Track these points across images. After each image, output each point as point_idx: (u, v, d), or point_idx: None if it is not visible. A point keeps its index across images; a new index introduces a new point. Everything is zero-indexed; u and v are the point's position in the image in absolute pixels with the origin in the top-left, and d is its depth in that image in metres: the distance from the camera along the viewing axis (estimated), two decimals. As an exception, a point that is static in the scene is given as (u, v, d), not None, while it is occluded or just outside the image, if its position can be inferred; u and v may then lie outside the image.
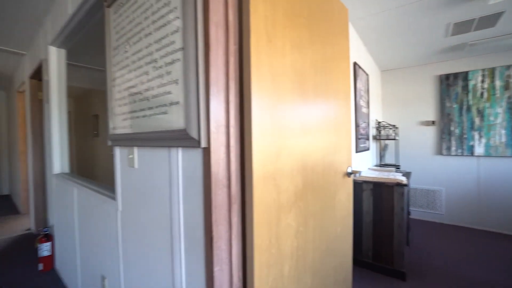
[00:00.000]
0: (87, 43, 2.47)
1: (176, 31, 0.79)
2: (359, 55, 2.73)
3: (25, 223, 3.58)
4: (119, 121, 1.09)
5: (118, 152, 1.19)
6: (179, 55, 0.78)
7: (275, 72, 0.89)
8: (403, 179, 2.08)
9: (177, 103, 0.79)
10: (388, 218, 2.10)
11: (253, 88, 0.80)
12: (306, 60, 1.06)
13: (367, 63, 3.12)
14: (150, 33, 0.90)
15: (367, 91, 3.01)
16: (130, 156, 1.06)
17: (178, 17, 0.79)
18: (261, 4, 0.83)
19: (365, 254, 2.24)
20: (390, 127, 3.38)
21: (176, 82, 0.79)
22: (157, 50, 0.87)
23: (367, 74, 2.99)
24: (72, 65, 3.41)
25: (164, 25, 0.84)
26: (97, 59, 3.40)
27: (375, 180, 2.19)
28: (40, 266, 2.30)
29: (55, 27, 2.16)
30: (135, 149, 1.05)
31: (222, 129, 0.75)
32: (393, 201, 2.07)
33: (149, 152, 0.99)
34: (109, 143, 1.18)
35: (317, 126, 1.13)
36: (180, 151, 0.83)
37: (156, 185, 0.95)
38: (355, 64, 2.52)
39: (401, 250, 2.05)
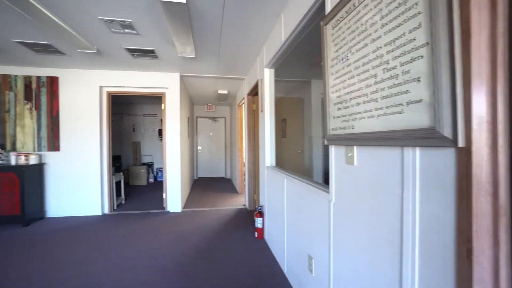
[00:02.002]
0: (283, 61, 3.02)
1: (417, 28, 0.77)
2: None
3: (241, 200, 4.94)
4: (338, 123, 1.24)
5: (333, 151, 1.35)
6: (421, 51, 0.76)
7: None
8: None
9: (418, 101, 0.77)
10: None
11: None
12: None
13: None
14: (378, 37, 0.94)
15: None
16: (349, 155, 1.17)
17: (419, 12, 0.76)
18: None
19: None
20: None
21: (417, 80, 0.78)
22: (389, 52, 0.89)
23: None
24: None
25: (398, 25, 0.84)
26: (286, 72, 4.10)
27: None
28: (255, 234, 3.09)
29: (268, 54, 2.81)
30: (355, 148, 1.14)
31: (486, 126, 0.64)
32: None
33: (371, 151, 1.04)
34: (325, 142, 1.37)
35: None
36: (417, 151, 0.81)
37: (380, 183, 0.98)
38: None
39: None
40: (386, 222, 0.95)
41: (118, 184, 4.68)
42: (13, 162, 3.59)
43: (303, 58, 3.48)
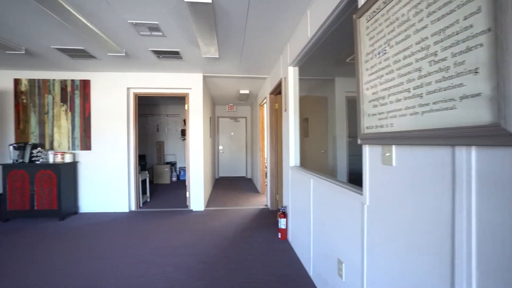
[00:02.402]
0: (307, 59, 2.94)
1: (475, 13, 0.69)
2: None
3: (263, 200, 4.91)
4: (373, 121, 1.16)
5: (367, 150, 1.27)
6: (481, 39, 0.68)
7: None
8: None
9: (475, 95, 0.69)
10: None
11: None
12: None
13: None
14: (424, 27, 0.86)
15: None
16: (387, 154, 1.09)
17: (477, -4, 0.68)
18: None
19: None
20: None
21: (474, 72, 0.70)
22: (437, 42, 0.81)
23: None
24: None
25: (450, 12, 0.77)
26: (309, 70, 4.01)
27: None
28: (279, 235, 3.04)
29: (292, 52, 2.75)
30: (394, 148, 1.06)
31: None
32: None
33: (413, 150, 0.96)
34: (359, 141, 1.30)
35: None
36: (473, 150, 0.73)
37: (424, 186, 0.90)
38: None
39: None
40: (431, 229, 0.87)
41: (143, 182, 4.84)
42: (51, 160, 3.83)
43: (327, 55, 3.38)
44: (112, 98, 4.12)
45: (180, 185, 6.61)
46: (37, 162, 3.74)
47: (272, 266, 2.38)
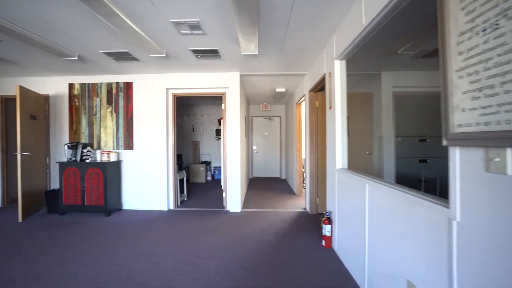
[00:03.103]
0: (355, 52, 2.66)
1: None
2: None
3: (300, 203, 4.69)
4: (473, 117, 0.92)
5: (458, 154, 1.03)
6: None
7: None
8: None
9: None
10: None
11: None
12: None
13: None
14: None
15: None
16: (497, 160, 0.85)
17: None
18: None
19: None
20: None
21: None
22: None
23: None
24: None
25: None
26: (351, 65, 3.69)
27: None
28: (323, 242, 2.82)
29: (339, 44, 2.52)
30: (509, 151, 0.81)
31: None
32: None
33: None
34: (445, 143, 1.06)
35: None
36: None
37: None
38: None
39: None
40: None
41: (181, 181, 4.93)
42: (98, 159, 4.06)
43: (373, 47, 3.05)
44: (152, 99, 4.23)
45: (215, 184, 6.66)
46: (87, 161, 3.98)
47: (317, 276, 2.19)
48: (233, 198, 4.20)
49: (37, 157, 4.06)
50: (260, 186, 6.46)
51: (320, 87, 3.69)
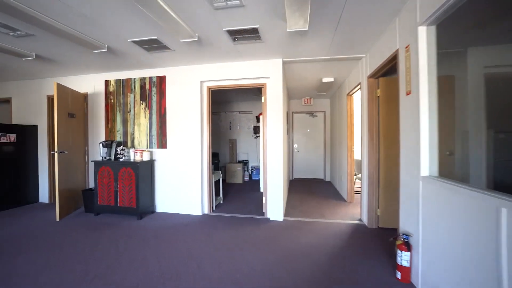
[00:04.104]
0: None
1: None
2: None
3: (353, 212, 3.92)
4: None
5: None
6: None
7: None
8: None
9: None
10: None
11: None
12: None
13: None
14: None
15: None
16: None
17: None
18: None
19: None
20: None
21: None
22: None
23: None
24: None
25: None
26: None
27: None
28: (398, 274, 2.10)
29: (427, 4, 1.77)
30: None
31: None
32: None
33: None
34: None
35: None
36: None
37: None
38: None
39: None
40: None
41: (216, 183, 4.55)
42: (131, 158, 3.84)
43: (453, 16, 2.20)
44: (186, 93, 3.88)
45: (253, 185, 6.19)
46: (120, 160, 3.79)
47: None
48: (274, 205, 3.64)
49: (75, 156, 4.01)
50: (302, 189, 5.80)
51: (383, 72, 2.92)
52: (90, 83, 4.31)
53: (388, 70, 2.91)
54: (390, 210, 3.12)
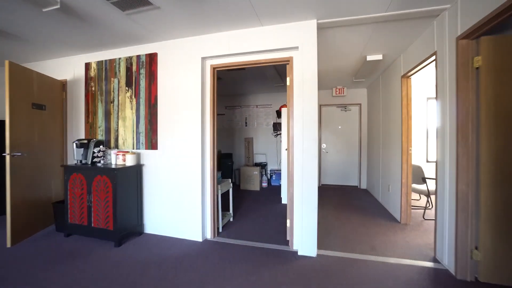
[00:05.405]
0: None
1: None
2: None
3: (416, 243, 2.69)
4: None
5: None
6: None
7: None
8: None
9: None
10: None
11: None
12: None
13: None
14: None
15: None
16: None
17: None
18: None
19: None
20: None
21: None
22: None
23: None
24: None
25: None
26: None
27: None
28: None
29: None
30: None
31: None
32: None
33: None
34: None
35: None
36: None
37: None
38: None
39: None
40: None
41: (225, 194, 3.53)
42: (113, 161, 2.91)
43: None
44: (183, 75, 2.88)
45: (272, 193, 5.11)
46: (98, 164, 2.87)
47: None
48: (304, 232, 2.53)
49: (47, 158, 3.15)
50: (334, 199, 4.61)
51: (490, 27, 1.72)
52: (69, 67, 3.45)
53: (492, 27, 1.70)
54: (503, 255, 1.91)
